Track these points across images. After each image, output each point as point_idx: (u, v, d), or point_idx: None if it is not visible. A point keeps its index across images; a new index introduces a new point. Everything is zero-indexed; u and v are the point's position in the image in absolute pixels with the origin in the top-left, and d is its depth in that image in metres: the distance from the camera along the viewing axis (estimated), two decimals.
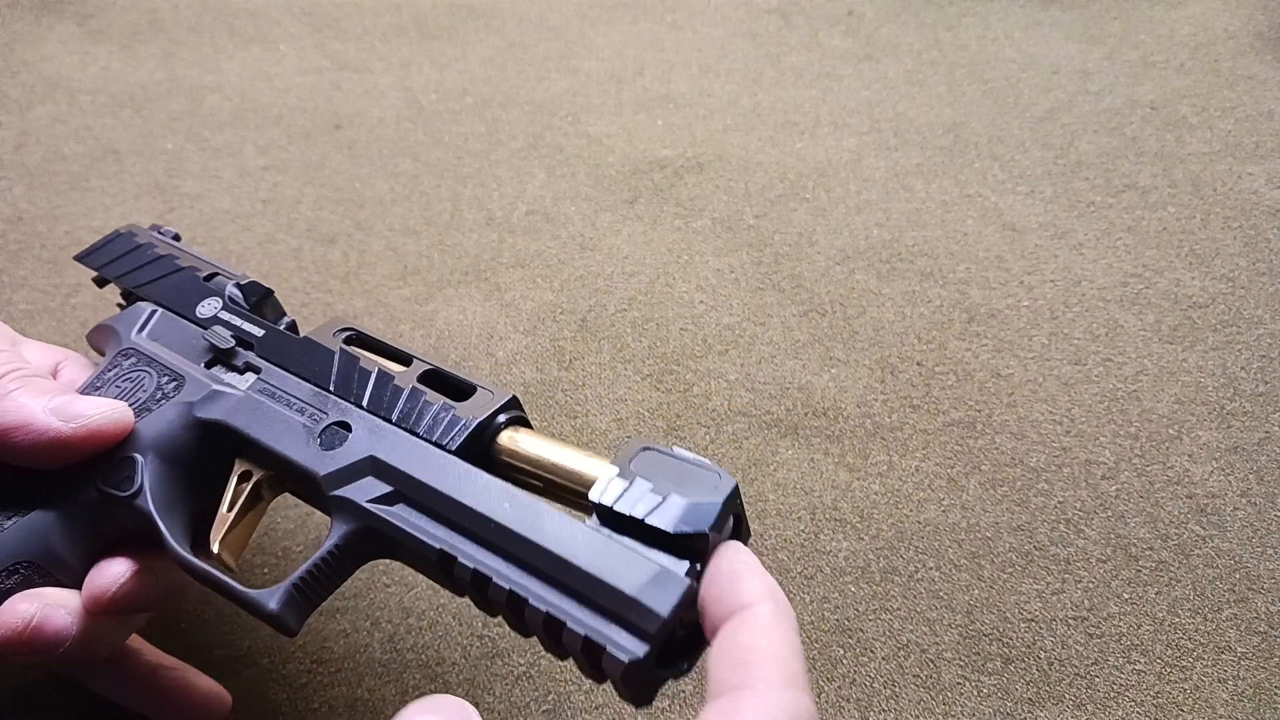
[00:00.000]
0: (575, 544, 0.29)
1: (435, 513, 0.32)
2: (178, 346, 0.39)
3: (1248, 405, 0.54)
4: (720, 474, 0.30)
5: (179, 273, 0.42)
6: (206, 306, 0.41)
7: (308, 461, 0.34)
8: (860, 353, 0.56)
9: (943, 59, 0.72)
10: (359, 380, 0.36)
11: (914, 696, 0.45)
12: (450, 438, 0.33)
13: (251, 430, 0.35)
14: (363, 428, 0.34)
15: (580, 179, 0.64)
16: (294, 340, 0.38)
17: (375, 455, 0.33)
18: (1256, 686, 0.45)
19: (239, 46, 0.71)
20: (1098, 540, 0.50)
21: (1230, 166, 0.65)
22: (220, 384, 0.37)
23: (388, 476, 0.33)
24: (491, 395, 0.35)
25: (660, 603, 0.27)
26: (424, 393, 0.35)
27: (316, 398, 0.36)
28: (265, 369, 0.37)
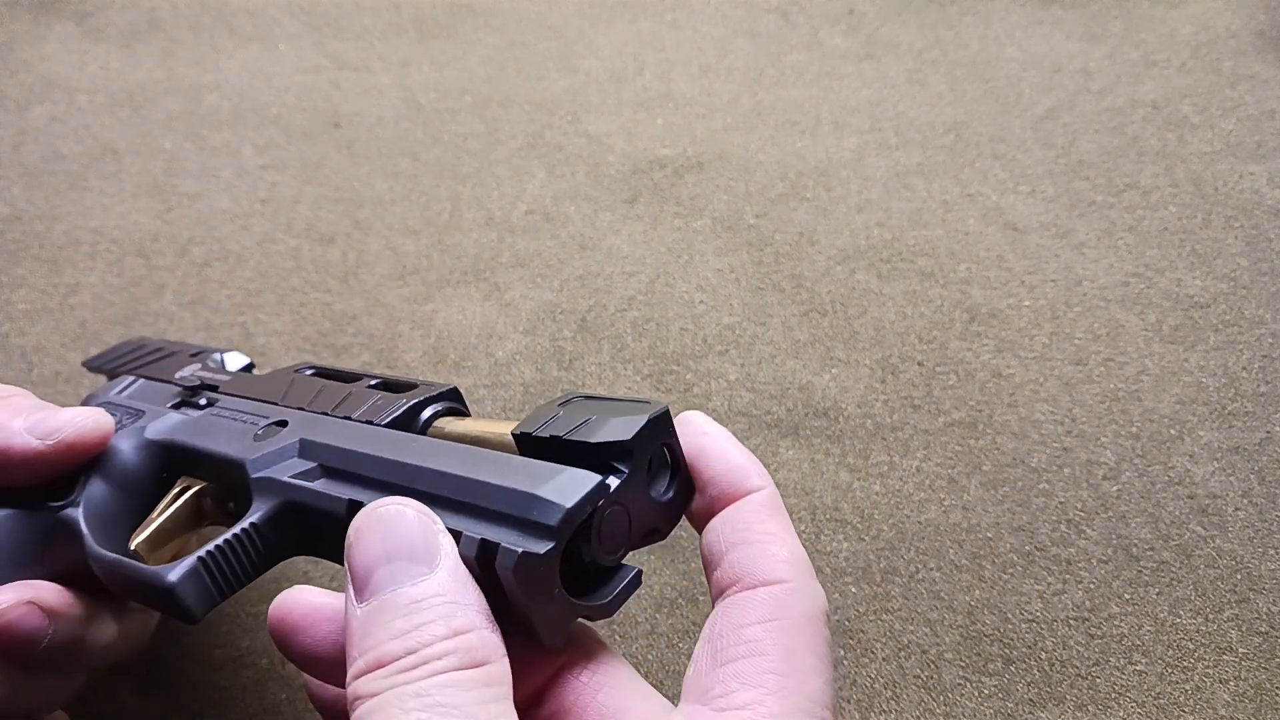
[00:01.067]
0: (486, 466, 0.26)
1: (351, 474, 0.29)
2: (149, 399, 0.41)
3: (1249, 405, 0.54)
4: (651, 402, 0.27)
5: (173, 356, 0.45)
6: (186, 371, 0.43)
7: (238, 453, 0.33)
8: (861, 353, 0.56)
9: (944, 58, 0.72)
10: (306, 392, 0.37)
11: (915, 697, 0.45)
12: (381, 417, 0.33)
13: (194, 441, 0.36)
14: (298, 421, 0.34)
15: (580, 178, 0.64)
16: (255, 377, 0.40)
17: (304, 438, 0.32)
18: (1258, 687, 0.45)
19: (238, 45, 0.71)
20: (1099, 541, 0.49)
21: (1232, 166, 0.65)
22: (175, 412, 0.39)
23: (313, 454, 0.31)
24: (431, 387, 0.34)
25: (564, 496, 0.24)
26: (366, 392, 0.35)
27: (261, 408, 0.36)
28: (222, 400, 0.39)
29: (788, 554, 0.26)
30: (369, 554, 0.24)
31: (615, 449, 0.26)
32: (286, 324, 0.56)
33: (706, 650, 0.25)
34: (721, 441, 0.28)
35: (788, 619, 0.25)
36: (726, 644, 0.24)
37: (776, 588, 0.25)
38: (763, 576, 0.25)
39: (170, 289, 0.58)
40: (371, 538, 0.24)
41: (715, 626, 0.25)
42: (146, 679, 0.44)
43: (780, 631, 0.24)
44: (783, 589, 0.25)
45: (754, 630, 0.24)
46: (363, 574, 0.23)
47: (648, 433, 0.26)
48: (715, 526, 0.27)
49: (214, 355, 0.44)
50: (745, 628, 0.24)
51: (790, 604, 0.25)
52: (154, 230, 0.60)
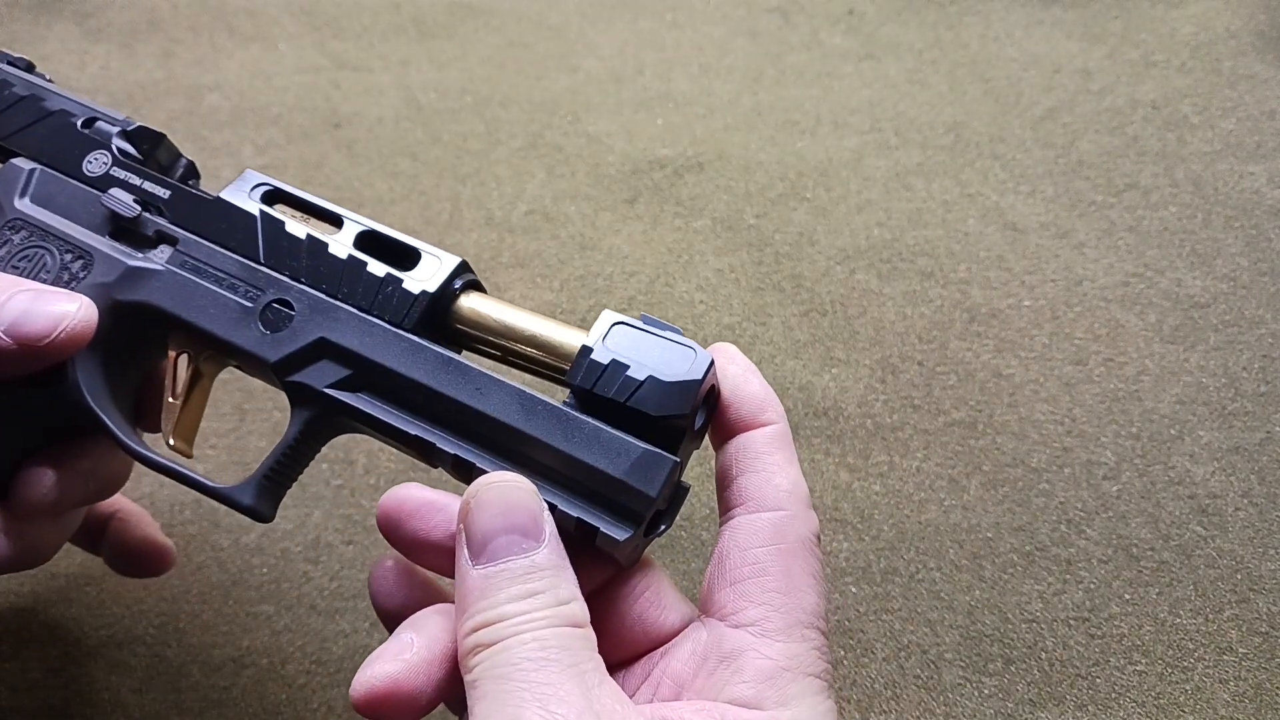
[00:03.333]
0: (560, 431, 0.29)
1: (403, 398, 0.31)
2: (72, 213, 0.35)
3: (1249, 405, 0.54)
4: (695, 349, 0.30)
5: (50, 118, 0.37)
6: (94, 162, 0.36)
7: (255, 347, 0.32)
8: (861, 353, 0.56)
9: (944, 58, 0.72)
10: (290, 249, 0.33)
11: (915, 697, 0.45)
12: (404, 314, 0.32)
13: (184, 313, 0.33)
14: (305, 304, 0.32)
15: (580, 178, 0.64)
16: (206, 201, 0.35)
17: (325, 337, 0.32)
18: (1258, 687, 0.45)
19: (238, 45, 0.71)
20: (1099, 541, 0.49)
21: (1232, 166, 0.65)
22: (134, 259, 0.34)
23: (343, 359, 0.31)
24: (439, 261, 0.33)
25: (649, 484, 0.28)
26: (365, 262, 0.33)
27: (247, 272, 0.33)
28: (181, 238, 0.34)
29: (789, 485, 0.29)
30: (488, 525, 0.27)
31: (675, 421, 0.29)
32: None
33: (716, 570, 0.29)
34: (747, 373, 0.31)
35: (786, 544, 0.28)
36: (733, 564, 0.29)
37: (777, 514, 0.29)
38: (766, 503, 0.29)
39: None
40: (491, 511, 0.27)
41: (723, 547, 0.29)
42: (147, 678, 0.44)
43: (780, 555, 0.28)
44: (782, 516, 0.29)
45: (757, 553, 0.28)
46: (480, 541, 0.27)
47: (701, 398, 0.29)
48: (730, 450, 0.30)
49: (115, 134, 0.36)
50: (750, 550, 0.28)
51: (788, 530, 0.29)
52: None
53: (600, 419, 0.29)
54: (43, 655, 0.44)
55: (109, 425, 0.33)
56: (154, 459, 0.33)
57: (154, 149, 0.36)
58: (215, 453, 0.51)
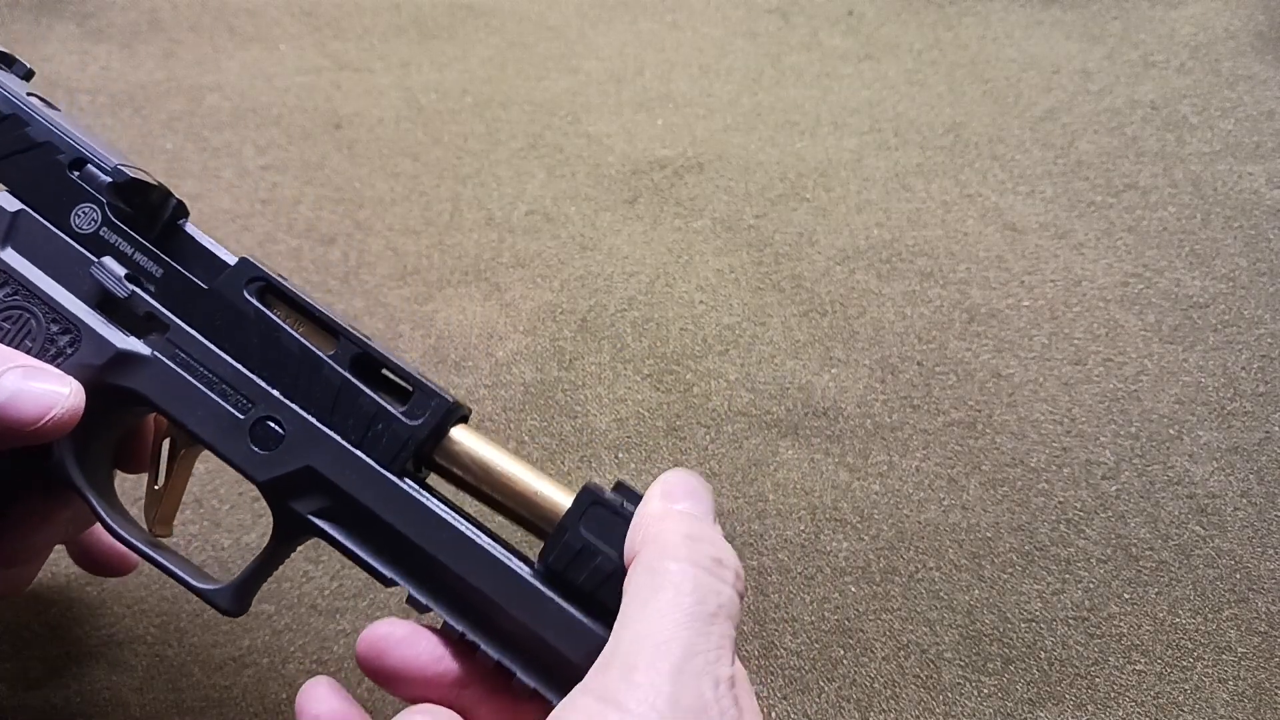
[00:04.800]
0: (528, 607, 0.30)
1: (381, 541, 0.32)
2: (59, 274, 0.33)
3: (1248, 405, 0.54)
4: None
5: (34, 151, 0.34)
6: (84, 216, 0.34)
7: (244, 463, 0.32)
8: (860, 353, 0.56)
9: (943, 59, 0.72)
10: (284, 361, 0.33)
11: (914, 697, 0.45)
12: (393, 456, 0.32)
13: (173, 410, 0.33)
14: (295, 427, 0.32)
15: (580, 179, 0.64)
16: (201, 291, 0.34)
17: (313, 466, 0.32)
18: (1257, 687, 0.45)
19: (238, 46, 0.71)
20: (1098, 540, 0.50)
21: (1231, 166, 0.65)
22: (124, 341, 0.33)
23: (328, 491, 0.32)
24: (431, 399, 0.32)
25: None
26: (359, 391, 0.32)
27: (239, 379, 0.33)
28: (173, 326, 0.33)
29: None
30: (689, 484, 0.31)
31: None
32: None
33: None
34: None
35: None
36: None
37: None
38: None
39: None
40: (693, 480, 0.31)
41: None
42: (147, 678, 0.44)
43: None
44: None
45: None
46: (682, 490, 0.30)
47: None
48: None
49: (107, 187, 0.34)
50: None
51: None
52: None
53: (566, 597, 0.31)
54: (43, 655, 0.44)
55: (98, 510, 0.33)
56: (141, 549, 0.33)
57: (146, 198, 0.34)
58: None
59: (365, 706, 0.44)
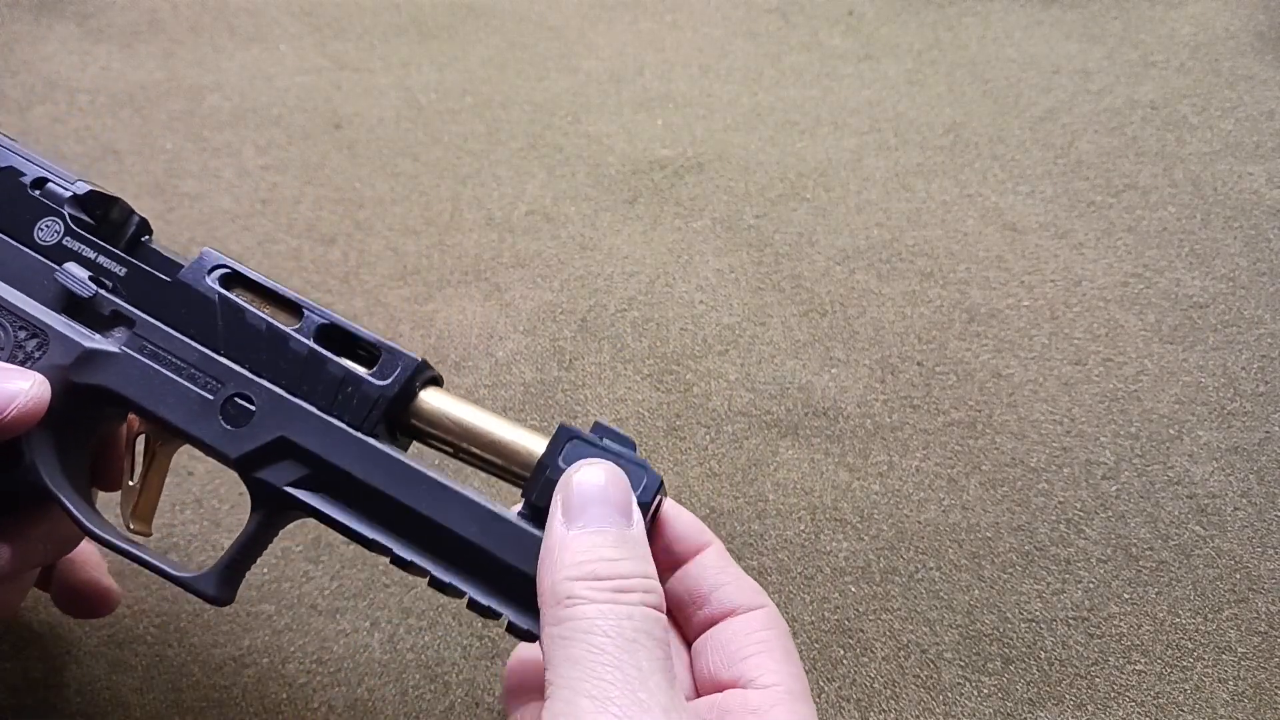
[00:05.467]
0: (515, 548, 0.30)
1: (362, 502, 0.32)
2: (24, 284, 0.34)
3: (1248, 405, 0.54)
4: (646, 469, 0.31)
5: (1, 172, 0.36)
6: (46, 229, 0.35)
7: (216, 441, 0.32)
8: (860, 353, 0.56)
9: (943, 59, 0.72)
10: (250, 340, 0.33)
11: (914, 697, 0.45)
12: (365, 416, 0.32)
13: (143, 400, 0.33)
14: (265, 400, 0.32)
15: (580, 179, 0.64)
16: (165, 283, 0.34)
17: (286, 436, 0.32)
18: (1257, 687, 0.45)
19: (238, 46, 0.71)
20: (1098, 540, 0.50)
21: (1231, 166, 0.65)
22: (91, 340, 0.33)
23: (303, 459, 0.32)
24: (398, 359, 0.33)
25: None
26: (325, 359, 0.33)
27: (206, 362, 0.33)
28: (139, 320, 0.34)
29: (756, 586, 0.33)
30: (586, 493, 0.29)
31: None
32: None
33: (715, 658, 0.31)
34: (675, 506, 0.33)
35: (779, 629, 0.32)
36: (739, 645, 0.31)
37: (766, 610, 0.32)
38: (750, 604, 0.32)
39: None
40: (590, 483, 0.29)
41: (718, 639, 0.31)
42: (147, 677, 0.44)
43: (778, 636, 0.31)
44: (769, 610, 0.32)
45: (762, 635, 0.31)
46: (579, 505, 0.29)
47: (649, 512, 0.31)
48: (692, 573, 0.32)
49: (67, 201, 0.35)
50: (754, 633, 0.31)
51: (777, 619, 0.32)
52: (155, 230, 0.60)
53: None
54: (44, 655, 0.44)
55: (71, 510, 0.33)
56: (117, 544, 0.33)
57: (107, 212, 0.35)
58: None
59: (366, 706, 0.44)
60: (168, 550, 0.48)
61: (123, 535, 0.34)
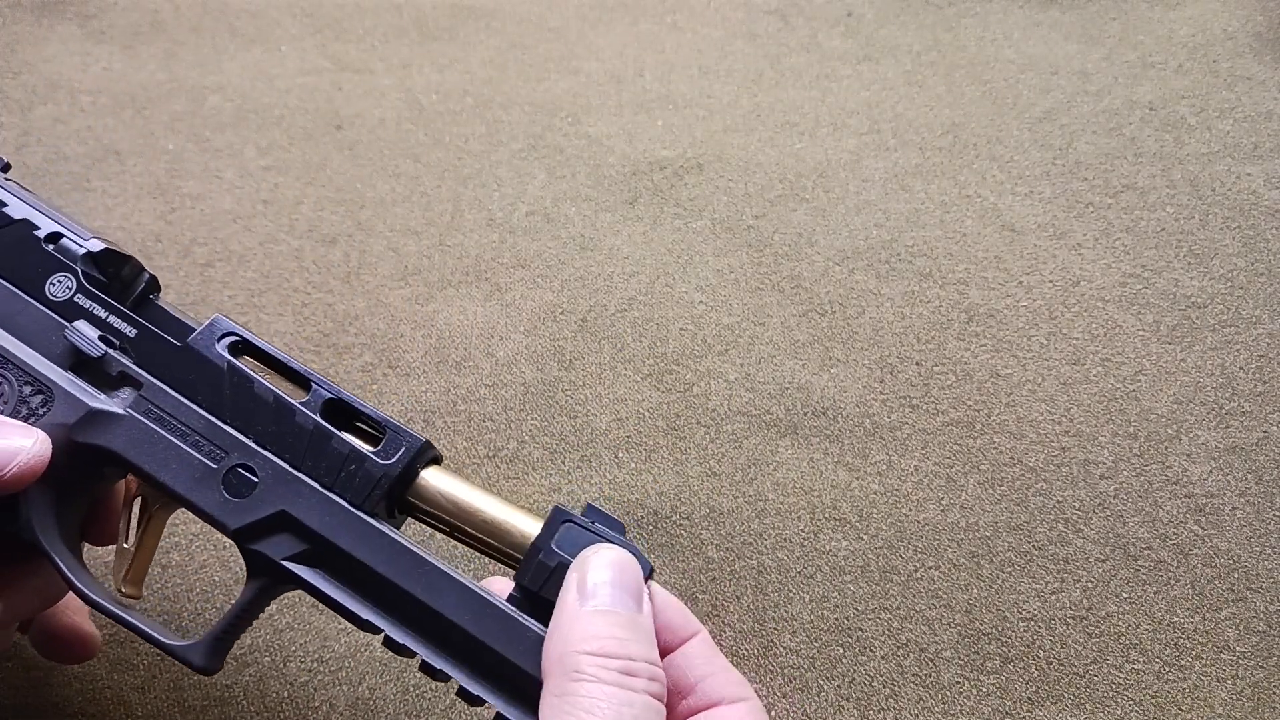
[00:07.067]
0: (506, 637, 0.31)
1: (358, 581, 0.32)
2: (32, 339, 0.34)
3: (1246, 405, 0.55)
4: (636, 553, 0.31)
5: (11, 227, 0.35)
6: (58, 285, 0.35)
7: (216, 511, 0.32)
8: (859, 353, 0.56)
9: (942, 60, 0.72)
10: (256, 410, 0.33)
11: (913, 695, 0.45)
12: (366, 496, 0.32)
13: (145, 464, 0.33)
14: (268, 473, 0.32)
15: (580, 180, 0.64)
16: (174, 348, 0.34)
17: (287, 510, 0.32)
18: (1255, 686, 0.45)
19: (240, 47, 0.71)
20: (1096, 540, 0.50)
21: (1229, 167, 0.65)
22: (97, 400, 0.33)
23: (302, 535, 0.32)
24: (403, 439, 0.33)
25: None
26: (330, 434, 0.33)
27: (212, 430, 0.33)
28: (146, 383, 0.34)
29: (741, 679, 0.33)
30: (601, 575, 0.30)
31: None
32: (289, 325, 0.57)
33: None
34: (663, 593, 0.33)
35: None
36: None
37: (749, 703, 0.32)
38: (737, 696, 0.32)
39: (173, 289, 0.58)
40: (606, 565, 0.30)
41: None
42: (149, 676, 0.44)
43: None
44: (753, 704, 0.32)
45: None
46: (595, 584, 0.30)
47: None
48: (678, 662, 0.32)
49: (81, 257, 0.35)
50: None
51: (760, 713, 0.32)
52: (157, 231, 0.60)
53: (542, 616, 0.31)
54: None
55: (64, 570, 0.33)
56: (108, 608, 0.33)
57: (119, 270, 0.35)
58: None
59: (367, 704, 0.44)
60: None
61: (113, 597, 0.34)
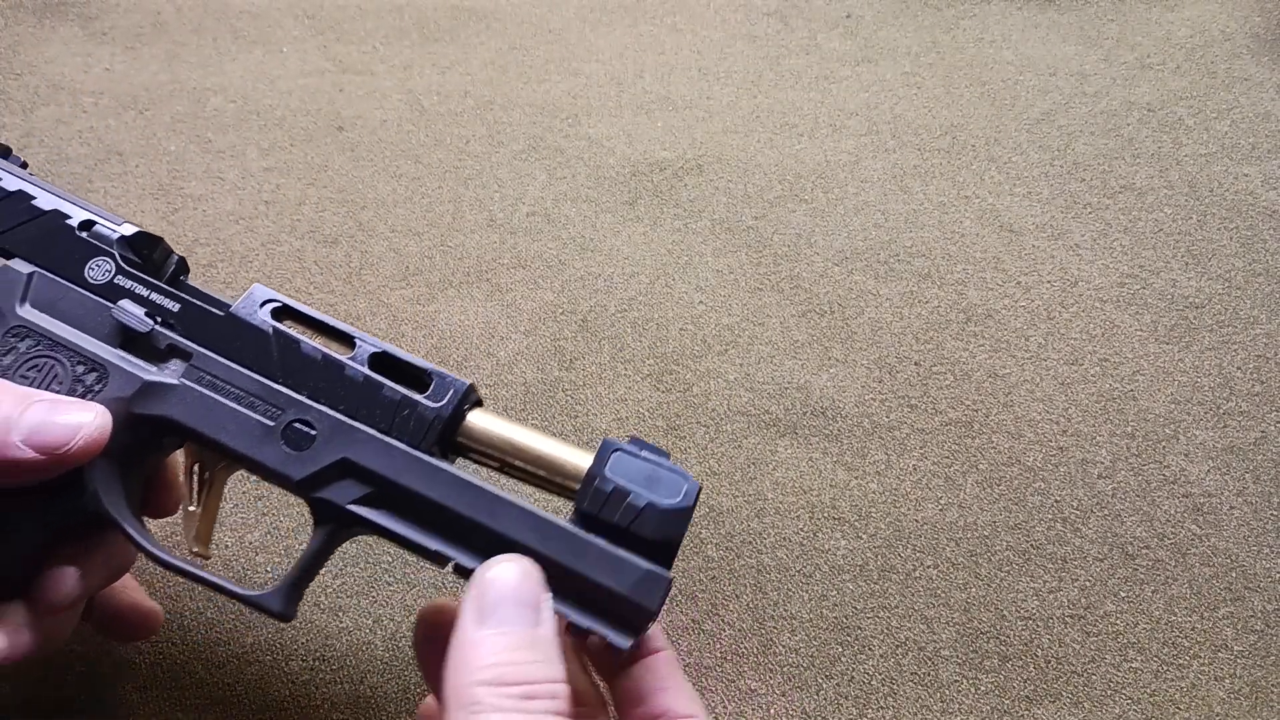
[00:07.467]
0: (570, 551, 0.32)
1: (422, 516, 0.33)
2: (79, 323, 0.35)
3: (1244, 405, 0.55)
4: (685, 477, 0.33)
5: (43, 218, 0.36)
6: (97, 269, 0.35)
7: (279, 465, 0.33)
8: (858, 353, 0.57)
9: (940, 61, 0.72)
10: (306, 368, 0.34)
11: (911, 694, 0.45)
12: (422, 436, 0.34)
13: (205, 429, 0.34)
14: (326, 425, 0.34)
15: (580, 180, 0.65)
16: (218, 317, 0.35)
17: (347, 457, 0.33)
18: (1253, 685, 0.46)
19: (242, 49, 0.71)
20: (1094, 539, 0.50)
21: (1226, 168, 0.66)
22: (149, 373, 0.34)
23: (365, 478, 0.33)
24: (449, 383, 0.34)
25: (650, 600, 0.31)
26: (381, 384, 0.34)
27: (265, 390, 0.34)
28: (195, 353, 0.35)
29: (694, 696, 0.33)
30: (502, 591, 0.30)
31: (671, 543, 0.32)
32: None
33: None
34: None
35: None
36: None
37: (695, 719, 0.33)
38: (684, 711, 0.33)
39: None
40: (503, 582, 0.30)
41: None
42: (151, 676, 0.45)
43: None
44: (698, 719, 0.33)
45: None
46: (492, 603, 0.29)
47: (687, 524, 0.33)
48: (636, 672, 0.33)
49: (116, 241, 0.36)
50: None
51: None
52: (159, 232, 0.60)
53: (603, 537, 0.32)
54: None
55: (135, 536, 0.34)
56: (184, 568, 0.35)
57: (153, 252, 0.37)
58: None
59: (368, 703, 0.44)
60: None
61: (185, 559, 0.35)
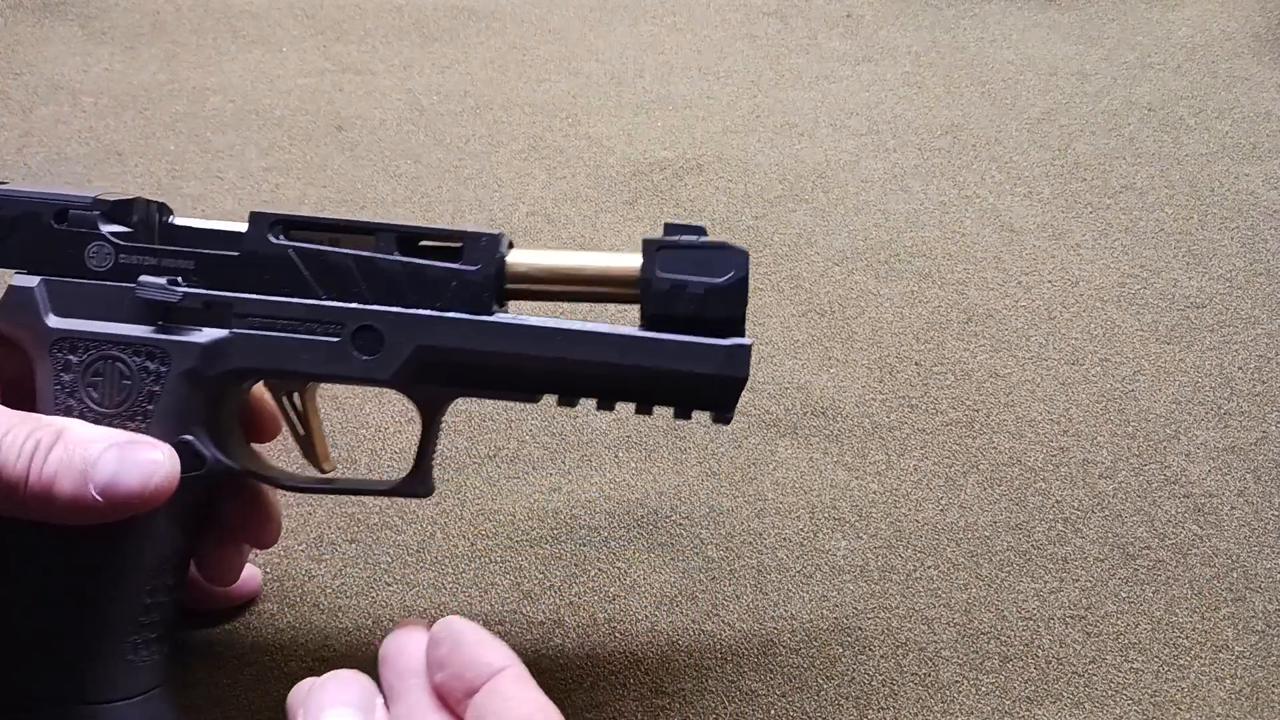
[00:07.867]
0: (652, 355, 0.34)
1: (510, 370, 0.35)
2: (109, 313, 0.34)
3: (1245, 405, 0.55)
4: (730, 247, 0.34)
5: (20, 224, 0.34)
6: (96, 256, 0.34)
7: (361, 374, 0.35)
8: (858, 353, 0.56)
9: (941, 61, 0.72)
10: (343, 277, 0.34)
11: (912, 695, 0.45)
12: (480, 300, 0.35)
13: (279, 365, 0.34)
14: (388, 323, 0.34)
15: (580, 180, 0.65)
16: (234, 259, 0.35)
17: (420, 344, 0.34)
18: (1254, 685, 0.46)
19: (241, 48, 0.71)
20: (1095, 539, 0.50)
21: (1227, 167, 0.66)
22: (201, 335, 0.34)
23: (445, 356, 0.34)
24: (481, 239, 0.35)
25: (739, 369, 0.34)
26: (422, 265, 0.34)
27: (316, 311, 0.34)
28: (234, 301, 0.34)
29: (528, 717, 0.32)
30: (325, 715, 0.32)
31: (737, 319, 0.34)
32: None
33: None
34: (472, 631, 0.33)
35: None
36: None
37: None
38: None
39: None
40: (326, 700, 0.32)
41: None
42: None
43: None
44: None
45: None
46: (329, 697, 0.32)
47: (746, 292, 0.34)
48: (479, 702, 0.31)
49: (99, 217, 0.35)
50: None
51: None
52: None
53: (676, 332, 0.34)
54: None
55: (267, 475, 0.37)
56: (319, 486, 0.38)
57: (133, 214, 0.36)
58: None
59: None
60: None
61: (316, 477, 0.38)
